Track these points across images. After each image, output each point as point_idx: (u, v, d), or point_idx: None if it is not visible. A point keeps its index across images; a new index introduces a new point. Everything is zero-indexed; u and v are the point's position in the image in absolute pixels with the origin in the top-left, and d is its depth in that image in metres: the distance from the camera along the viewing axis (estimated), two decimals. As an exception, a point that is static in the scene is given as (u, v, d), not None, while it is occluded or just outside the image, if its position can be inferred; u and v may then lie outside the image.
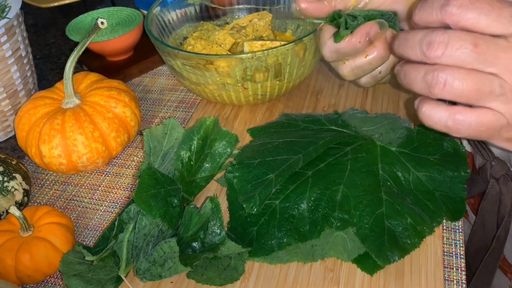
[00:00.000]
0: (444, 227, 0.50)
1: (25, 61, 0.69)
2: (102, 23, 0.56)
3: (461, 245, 0.49)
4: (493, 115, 0.34)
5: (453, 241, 0.49)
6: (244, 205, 0.48)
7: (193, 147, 0.53)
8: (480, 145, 0.57)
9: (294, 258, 0.47)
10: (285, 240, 0.47)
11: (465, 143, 0.60)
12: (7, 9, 0.60)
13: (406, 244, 0.46)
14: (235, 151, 0.56)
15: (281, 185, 0.50)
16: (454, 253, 0.48)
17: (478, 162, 0.61)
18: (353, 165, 0.52)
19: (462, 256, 0.48)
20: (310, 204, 0.49)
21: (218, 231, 0.46)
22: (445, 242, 0.49)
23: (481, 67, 0.33)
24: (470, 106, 0.35)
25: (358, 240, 0.47)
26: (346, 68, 0.50)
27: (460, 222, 0.51)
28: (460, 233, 0.50)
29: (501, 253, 0.58)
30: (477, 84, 0.33)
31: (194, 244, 0.46)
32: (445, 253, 0.48)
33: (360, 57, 0.48)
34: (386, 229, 0.47)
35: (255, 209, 0.47)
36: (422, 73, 0.35)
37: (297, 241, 0.47)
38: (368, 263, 0.46)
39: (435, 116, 0.36)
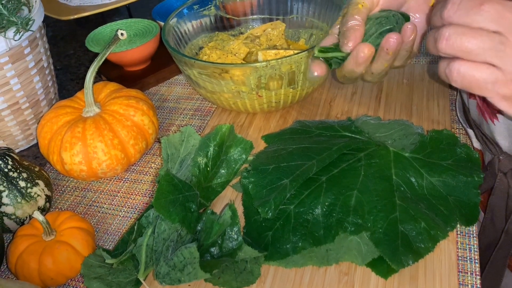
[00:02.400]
0: (458, 232, 0.51)
1: (46, 72, 0.72)
2: (122, 34, 0.58)
3: (475, 250, 0.49)
4: (487, 68, 0.36)
5: (467, 246, 0.49)
6: (259, 210, 0.49)
7: (209, 154, 0.55)
8: (488, 140, 0.58)
9: (309, 262, 0.48)
10: (300, 244, 0.48)
11: (474, 140, 0.61)
12: (31, 22, 0.62)
13: (420, 248, 0.47)
14: (250, 157, 0.57)
15: (295, 190, 0.51)
16: (468, 257, 0.48)
17: (488, 158, 0.61)
18: (367, 170, 0.52)
19: (476, 261, 0.48)
20: (324, 209, 0.49)
21: (235, 236, 0.47)
22: (459, 247, 0.49)
23: (486, 26, 0.36)
24: None
25: (372, 244, 0.47)
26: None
27: (474, 227, 0.51)
28: (474, 238, 0.50)
29: (510, 248, 0.58)
30: (476, 40, 0.36)
31: (212, 249, 0.47)
32: (459, 258, 0.48)
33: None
34: (400, 234, 0.47)
35: (270, 214, 0.48)
36: (433, 33, 0.38)
37: (312, 246, 0.48)
38: (383, 267, 0.47)
39: (439, 66, 0.39)
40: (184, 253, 0.43)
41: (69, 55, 0.97)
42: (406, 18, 0.51)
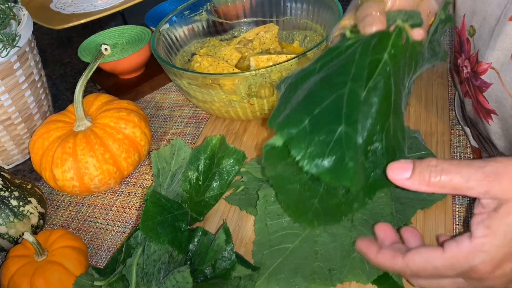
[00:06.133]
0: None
1: (38, 85, 0.71)
2: (105, 49, 0.57)
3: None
4: None
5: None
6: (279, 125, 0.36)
7: (200, 167, 0.54)
8: (484, 139, 0.57)
9: (312, 285, 0.45)
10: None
11: (471, 138, 0.60)
12: (17, 38, 0.61)
13: None
14: (243, 169, 0.56)
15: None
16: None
17: (485, 157, 0.60)
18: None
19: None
20: None
21: (229, 255, 0.46)
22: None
23: None
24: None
25: None
26: None
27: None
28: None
29: None
30: None
31: (206, 269, 0.46)
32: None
33: None
34: None
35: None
36: None
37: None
38: (388, 283, 0.45)
39: None
40: (177, 277, 0.42)
41: (65, 63, 0.97)
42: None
